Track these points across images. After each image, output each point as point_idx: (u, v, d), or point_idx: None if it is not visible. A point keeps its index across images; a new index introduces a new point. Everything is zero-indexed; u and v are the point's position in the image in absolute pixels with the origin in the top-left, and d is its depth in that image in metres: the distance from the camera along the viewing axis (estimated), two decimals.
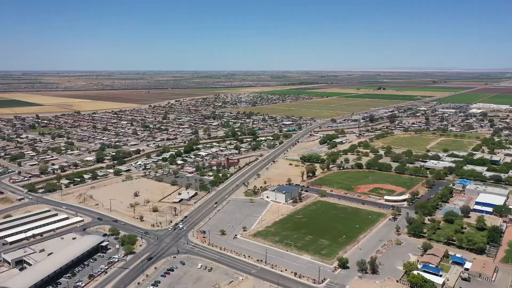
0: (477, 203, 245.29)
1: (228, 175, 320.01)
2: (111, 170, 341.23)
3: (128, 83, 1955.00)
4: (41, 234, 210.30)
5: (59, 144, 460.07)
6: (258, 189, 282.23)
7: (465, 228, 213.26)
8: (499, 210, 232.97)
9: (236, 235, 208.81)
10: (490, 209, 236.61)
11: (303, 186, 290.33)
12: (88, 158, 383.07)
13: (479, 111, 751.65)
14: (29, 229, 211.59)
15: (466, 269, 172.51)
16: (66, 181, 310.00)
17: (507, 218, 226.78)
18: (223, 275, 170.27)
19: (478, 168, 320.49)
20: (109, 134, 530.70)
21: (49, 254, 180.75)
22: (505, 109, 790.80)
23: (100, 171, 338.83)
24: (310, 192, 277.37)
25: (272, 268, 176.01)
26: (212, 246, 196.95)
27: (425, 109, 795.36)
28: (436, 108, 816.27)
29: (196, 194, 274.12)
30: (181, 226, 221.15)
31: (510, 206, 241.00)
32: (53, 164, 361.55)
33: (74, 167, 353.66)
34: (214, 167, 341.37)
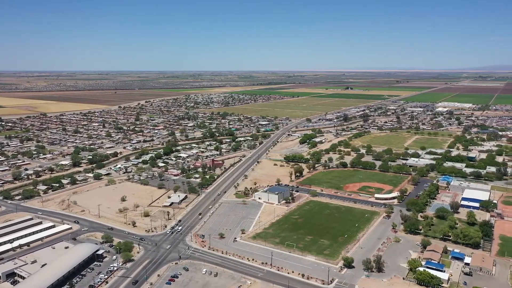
0: (464, 199, 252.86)
1: (215, 176, 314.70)
2: (91, 174, 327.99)
3: (92, 83, 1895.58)
4: (28, 244, 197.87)
5: (29, 148, 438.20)
6: (249, 190, 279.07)
7: (457, 224, 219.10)
8: (485, 205, 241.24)
9: (235, 238, 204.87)
10: (476, 204, 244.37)
11: (293, 186, 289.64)
12: (63, 162, 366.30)
13: (445, 109, 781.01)
14: (14, 239, 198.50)
15: (467, 264, 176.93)
16: (43, 187, 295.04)
17: (494, 212, 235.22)
18: (230, 280, 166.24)
19: (457, 165, 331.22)
20: (82, 136, 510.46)
21: (42, 266, 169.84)
22: (469, 107, 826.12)
23: (79, 176, 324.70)
24: (301, 192, 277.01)
25: (278, 270, 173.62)
26: (213, 250, 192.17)
27: (395, 108, 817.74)
28: (404, 107, 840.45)
29: (186, 197, 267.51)
30: (180, 228, 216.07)
31: (494, 201, 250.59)
32: (26, 169, 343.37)
33: (50, 172, 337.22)
34: (200, 169, 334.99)
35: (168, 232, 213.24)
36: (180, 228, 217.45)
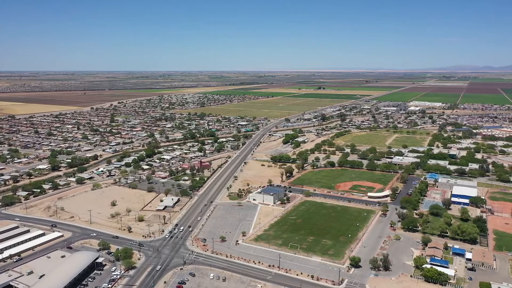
0: (454, 196, 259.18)
1: (205, 178, 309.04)
2: (72, 179, 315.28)
3: (59, 84, 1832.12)
4: (18, 254, 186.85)
5: (1, 152, 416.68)
6: (242, 191, 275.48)
7: (451, 220, 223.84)
8: (475, 201, 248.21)
9: (237, 240, 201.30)
10: (466, 201, 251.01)
11: (285, 186, 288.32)
12: (41, 166, 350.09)
13: (417, 108, 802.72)
14: (3, 249, 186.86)
15: (468, 259, 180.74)
16: (23, 193, 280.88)
17: (485, 208, 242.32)
18: (240, 284, 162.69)
19: (441, 162, 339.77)
20: (56, 139, 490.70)
21: (40, 276, 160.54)
22: (439, 106, 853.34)
23: (60, 180, 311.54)
24: (294, 193, 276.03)
25: (286, 272, 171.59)
26: (216, 254, 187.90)
27: (369, 107, 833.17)
28: (378, 106, 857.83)
29: (179, 200, 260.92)
30: (182, 228, 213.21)
31: (482, 197, 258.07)
32: (2, 175, 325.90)
33: (28, 177, 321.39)
34: (188, 171, 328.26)
35: (166, 236, 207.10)
36: (182, 228, 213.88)
